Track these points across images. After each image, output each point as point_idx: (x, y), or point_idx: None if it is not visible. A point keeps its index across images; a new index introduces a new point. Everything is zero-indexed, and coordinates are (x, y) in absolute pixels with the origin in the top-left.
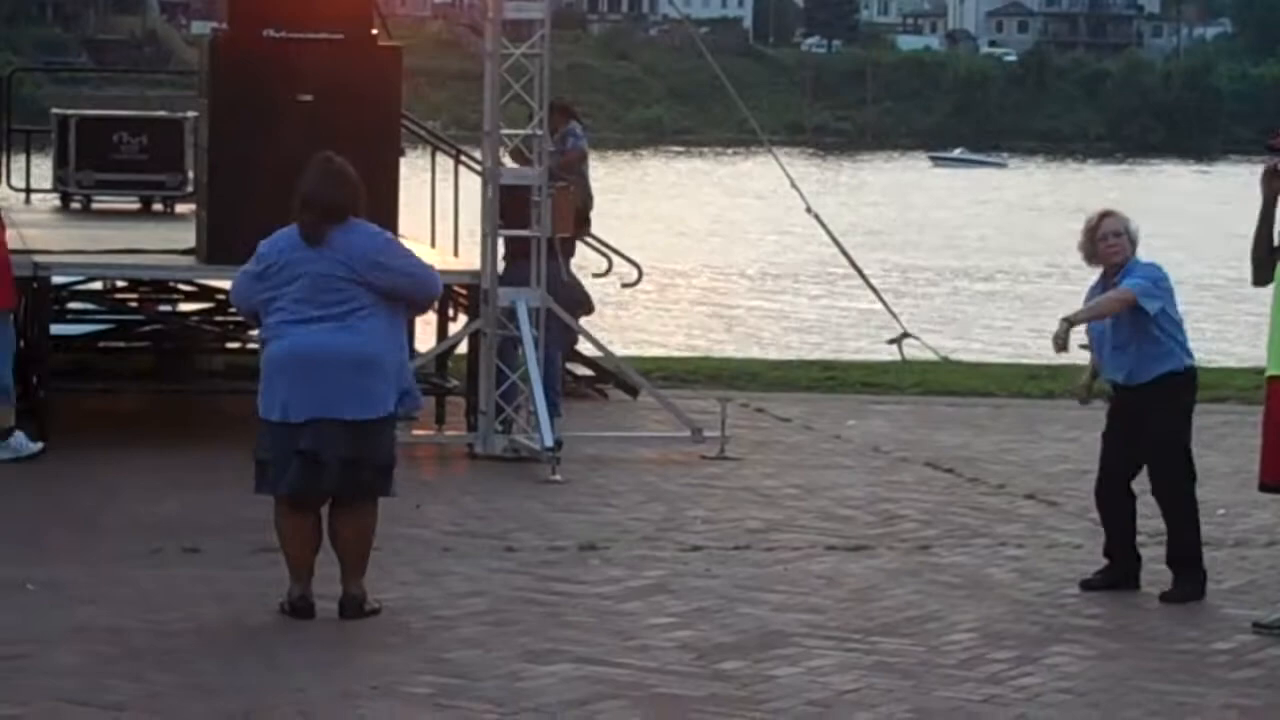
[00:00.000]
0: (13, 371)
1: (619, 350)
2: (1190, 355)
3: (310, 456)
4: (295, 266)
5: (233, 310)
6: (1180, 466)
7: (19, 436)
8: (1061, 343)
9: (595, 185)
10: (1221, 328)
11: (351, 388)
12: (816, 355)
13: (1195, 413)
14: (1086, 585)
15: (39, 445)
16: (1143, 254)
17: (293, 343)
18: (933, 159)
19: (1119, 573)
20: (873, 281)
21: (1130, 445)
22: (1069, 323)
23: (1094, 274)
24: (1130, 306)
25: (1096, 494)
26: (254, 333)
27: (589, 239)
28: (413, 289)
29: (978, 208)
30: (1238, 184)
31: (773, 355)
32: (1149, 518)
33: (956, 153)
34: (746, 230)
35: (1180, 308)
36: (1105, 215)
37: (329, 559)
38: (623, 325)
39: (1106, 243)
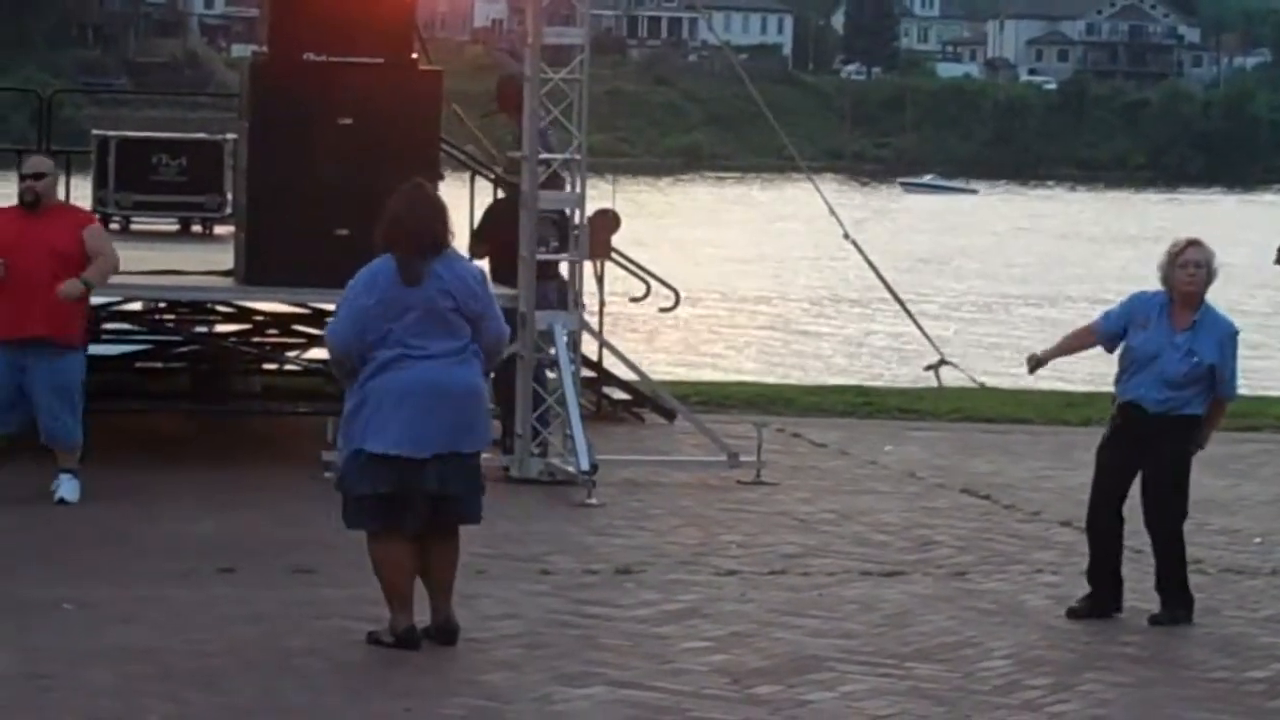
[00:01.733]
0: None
1: (655, 374)
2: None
3: (437, 492)
4: (405, 298)
5: (272, 332)
6: (1182, 501)
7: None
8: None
9: (633, 208)
10: (1264, 356)
11: (470, 422)
12: (854, 380)
13: (1229, 441)
14: (1072, 613)
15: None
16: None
17: (416, 376)
18: (903, 185)
19: (1105, 598)
20: (910, 307)
21: (1132, 471)
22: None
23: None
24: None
25: (1092, 521)
26: (293, 355)
27: (621, 259)
28: (490, 332)
29: (1019, 234)
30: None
31: (809, 380)
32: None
33: (927, 179)
34: (784, 256)
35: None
36: (1192, 243)
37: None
38: (659, 349)
39: (1187, 271)
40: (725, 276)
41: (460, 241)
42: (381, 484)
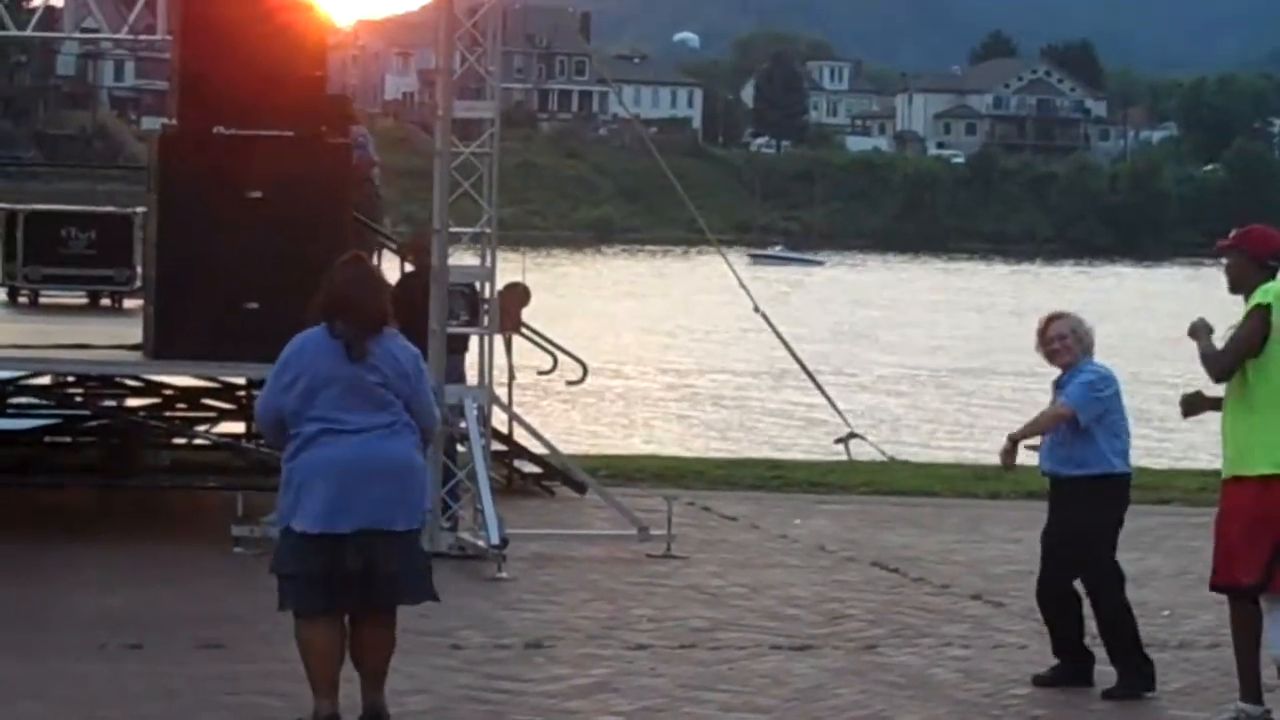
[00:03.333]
0: None
1: (565, 447)
2: (1124, 461)
3: (362, 570)
4: (329, 371)
5: (181, 406)
6: (1103, 567)
7: None
8: (1009, 460)
9: (541, 280)
10: (1173, 429)
11: (400, 498)
12: (763, 454)
13: (1138, 514)
14: (1039, 681)
15: None
16: (1100, 355)
17: (338, 451)
18: (751, 256)
19: (1070, 670)
20: (821, 380)
21: (1063, 540)
22: (1013, 440)
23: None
24: (1068, 420)
25: (1038, 593)
26: (202, 429)
27: (530, 333)
28: (428, 419)
29: (927, 310)
30: (1184, 285)
31: (720, 454)
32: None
33: (776, 249)
34: (694, 328)
35: (1130, 407)
36: (1054, 318)
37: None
38: (568, 422)
39: (1051, 346)
40: (636, 349)
41: None
42: (306, 563)
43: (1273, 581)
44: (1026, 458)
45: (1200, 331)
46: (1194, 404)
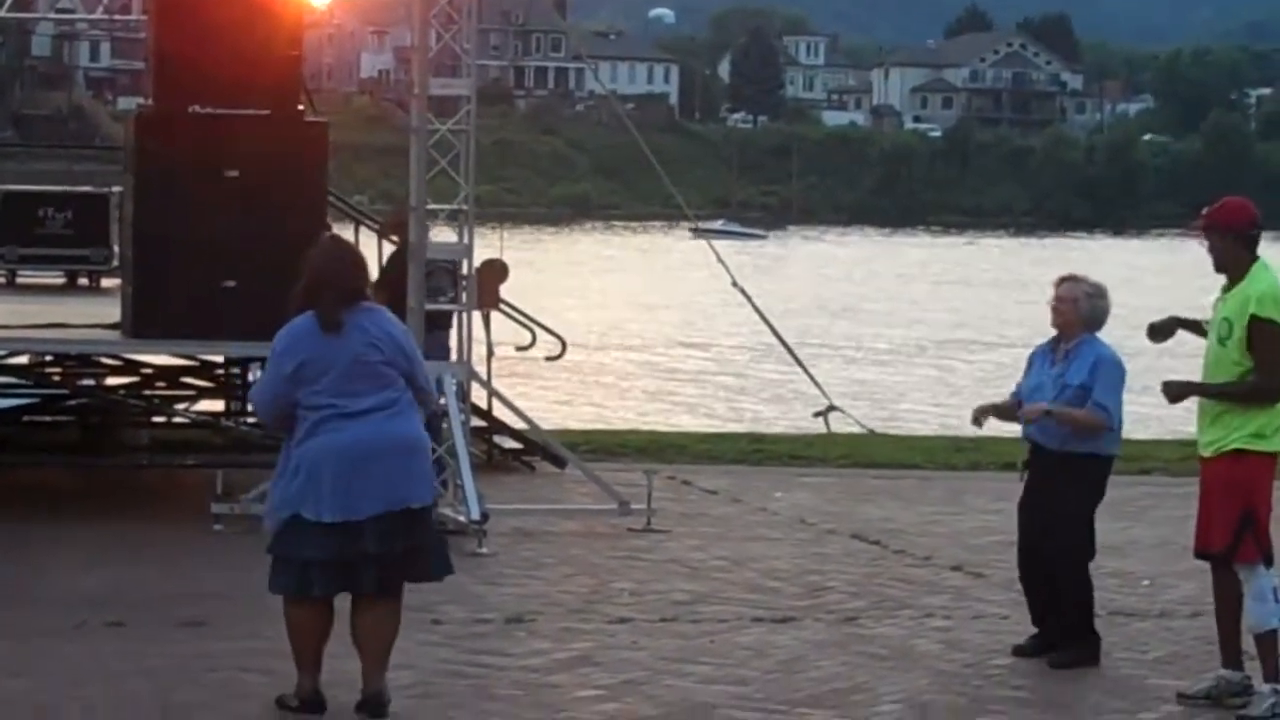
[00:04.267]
0: None
1: (545, 423)
2: (1117, 445)
3: (379, 553)
4: (328, 355)
5: (160, 384)
6: (1081, 543)
7: None
8: (1028, 418)
9: (518, 256)
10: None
11: (412, 475)
12: (744, 428)
13: (1120, 485)
14: (1019, 651)
15: None
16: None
17: (347, 435)
18: (693, 230)
19: (1050, 639)
20: (800, 355)
21: (1042, 512)
22: (1047, 413)
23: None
24: (1100, 429)
25: (1020, 564)
26: (181, 407)
27: (508, 309)
28: (425, 393)
29: (910, 281)
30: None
31: (700, 428)
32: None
33: (719, 224)
34: (672, 303)
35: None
36: (1065, 279)
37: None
38: (548, 398)
39: (1053, 303)
40: (614, 324)
41: None
42: (320, 550)
43: (1241, 549)
44: (1000, 426)
45: (1186, 389)
46: (1164, 330)
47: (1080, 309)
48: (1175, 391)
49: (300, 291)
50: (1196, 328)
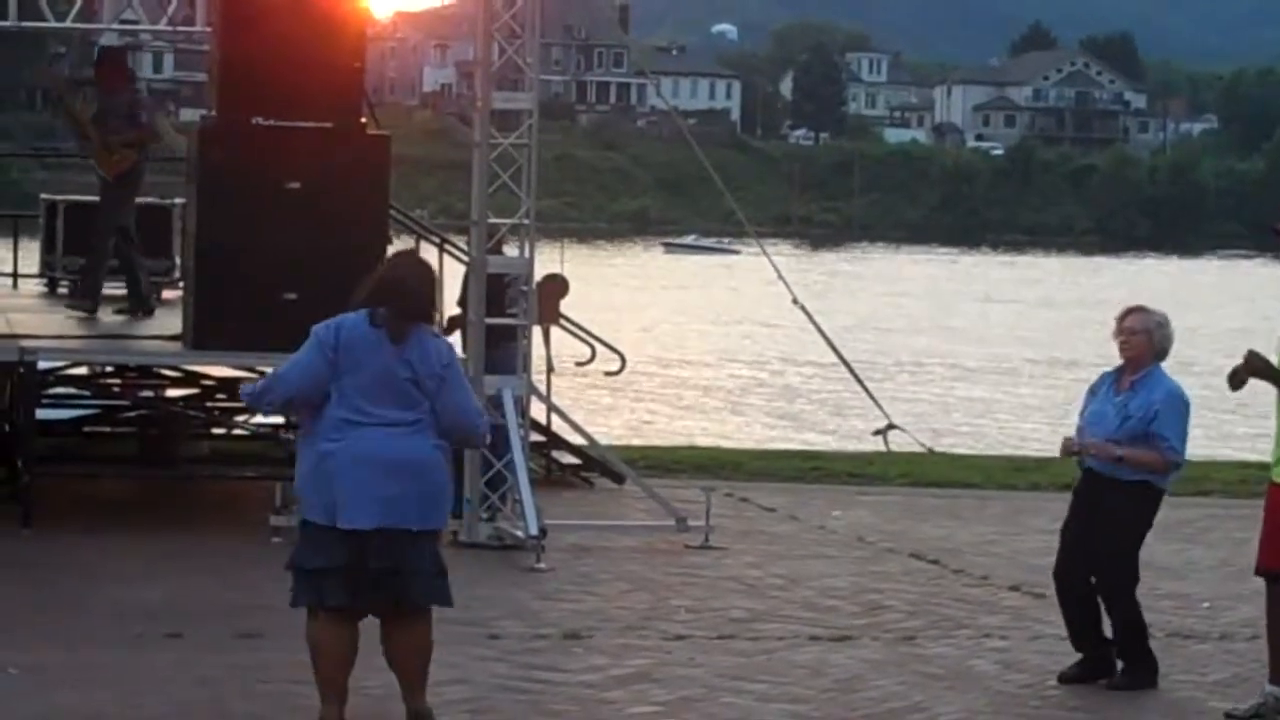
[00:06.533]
0: None
1: (604, 438)
2: (1171, 480)
3: (382, 568)
4: (359, 355)
5: (220, 396)
6: (1127, 569)
7: None
8: (1082, 452)
9: (578, 272)
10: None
11: (419, 497)
12: (802, 445)
13: (1178, 506)
14: (1063, 679)
15: None
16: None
17: (358, 444)
18: (665, 245)
19: (1093, 663)
20: (858, 372)
21: (1090, 535)
22: (1109, 455)
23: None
24: (1170, 469)
25: (1059, 587)
26: (241, 419)
27: (568, 324)
28: (458, 420)
29: (964, 301)
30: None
31: (758, 445)
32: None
33: (689, 239)
34: (734, 320)
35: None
36: (1132, 310)
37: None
38: (608, 413)
39: (1123, 337)
40: (674, 340)
41: None
42: (328, 557)
43: None
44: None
45: (1263, 366)
46: (1243, 378)
47: (1153, 340)
48: (1254, 368)
49: (364, 292)
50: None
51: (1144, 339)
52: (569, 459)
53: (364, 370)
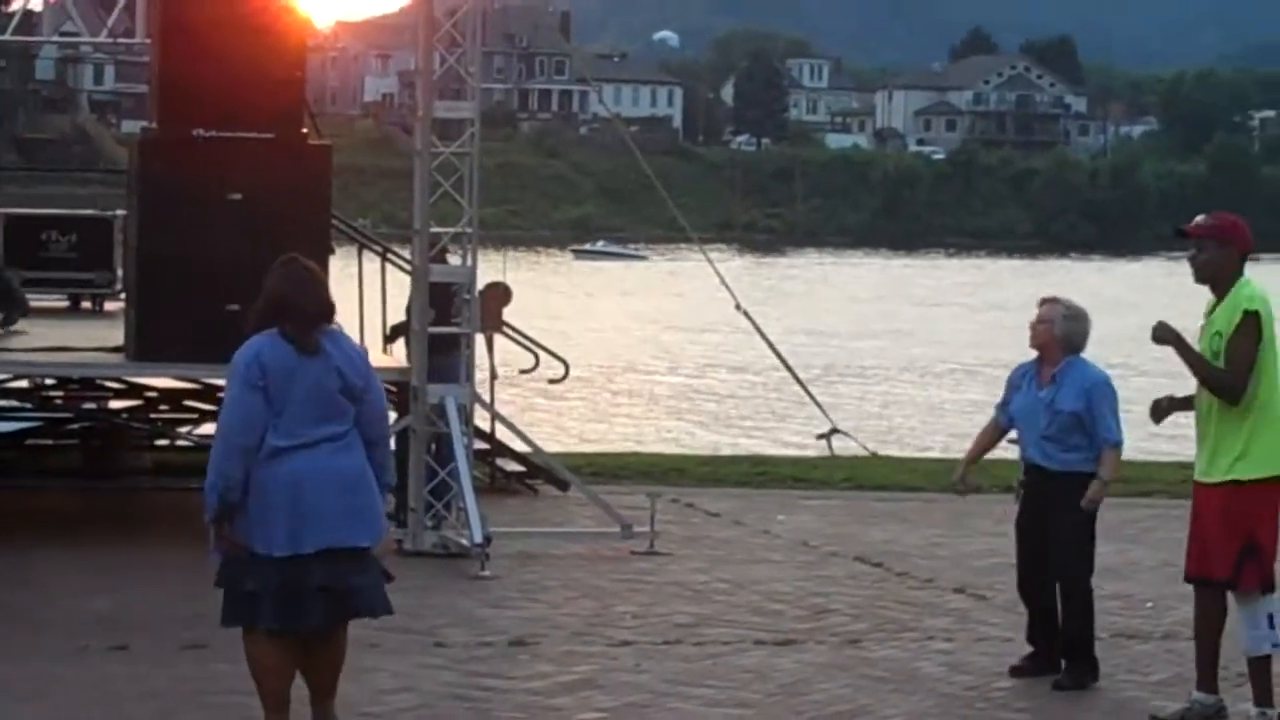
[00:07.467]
0: None
1: (549, 446)
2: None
3: (330, 589)
4: (290, 378)
5: (163, 408)
6: (1081, 560)
7: None
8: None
9: (522, 280)
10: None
11: (360, 512)
12: (746, 450)
13: (1120, 506)
14: (1015, 671)
15: None
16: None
17: (293, 467)
18: (574, 251)
19: (1046, 658)
20: (802, 376)
21: (1042, 531)
22: (1102, 495)
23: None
24: (1071, 416)
25: (1021, 584)
26: (184, 430)
27: (511, 332)
28: (378, 426)
29: (886, 303)
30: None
31: (702, 450)
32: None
33: (599, 245)
34: (676, 325)
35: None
36: (1046, 301)
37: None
38: (551, 421)
39: (1033, 324)
40: (617, 347)
41: (342, 312)
42: (266, 582)
43: (1241, 579)
44: (1003, 449)
45: (1173, 337)
46: (1163, 409)
47: (1055, 330)
48: (1161, 335)
49: (265, 310)
50: (1187, 404)
51: (1048, 328)
52: (513, 466)
53: (295, 390)
